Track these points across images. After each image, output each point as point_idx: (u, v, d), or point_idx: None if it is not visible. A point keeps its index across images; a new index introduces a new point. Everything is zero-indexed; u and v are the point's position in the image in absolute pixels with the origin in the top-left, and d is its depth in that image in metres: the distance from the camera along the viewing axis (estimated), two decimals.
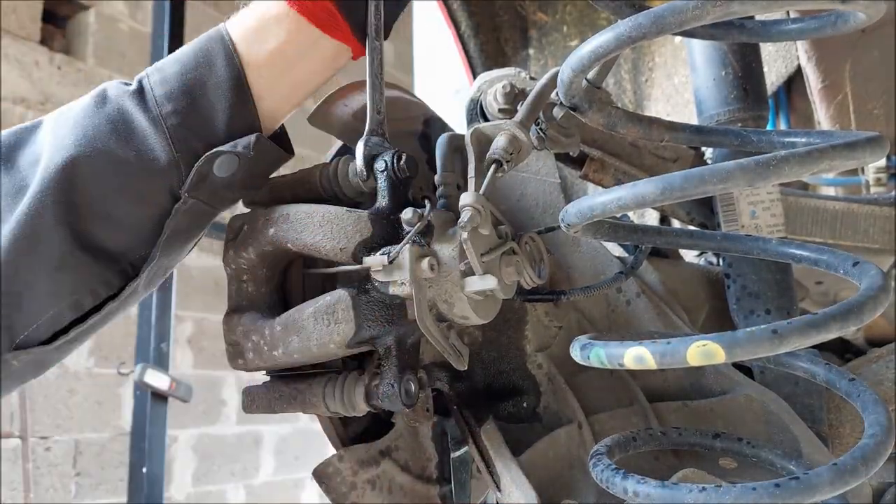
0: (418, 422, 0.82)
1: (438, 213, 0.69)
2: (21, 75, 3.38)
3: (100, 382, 3.57)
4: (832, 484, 0.57)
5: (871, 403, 0.65)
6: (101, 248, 0.68)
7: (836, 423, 0.88)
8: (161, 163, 0.68)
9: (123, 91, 0.70)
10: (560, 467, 0.78)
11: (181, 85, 0.69)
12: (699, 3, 0.52)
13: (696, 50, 0.96)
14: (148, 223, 0.69)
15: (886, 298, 0.57)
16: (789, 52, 1.38)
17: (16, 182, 0.67)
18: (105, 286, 0.69)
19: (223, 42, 0.71)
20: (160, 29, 3.08)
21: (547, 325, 0.86)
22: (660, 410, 0.80)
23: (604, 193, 0.62)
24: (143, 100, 0.69)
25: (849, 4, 0.56)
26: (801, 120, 1.50)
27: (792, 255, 0.71)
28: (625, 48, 0.59)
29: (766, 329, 0.56)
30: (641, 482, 0.61)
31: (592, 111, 0.71)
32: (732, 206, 0.92)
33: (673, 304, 0.92)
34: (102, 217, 0.67)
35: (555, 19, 1.87)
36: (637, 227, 0.80)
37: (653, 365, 0.61)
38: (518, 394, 0.84)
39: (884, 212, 1.11)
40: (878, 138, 0.58)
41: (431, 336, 0.68)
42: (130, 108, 0.69)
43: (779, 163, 0.54)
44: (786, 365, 0.76)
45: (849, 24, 0.65)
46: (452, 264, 0.66)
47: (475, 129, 0.74)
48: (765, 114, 0.94)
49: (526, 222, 0.91)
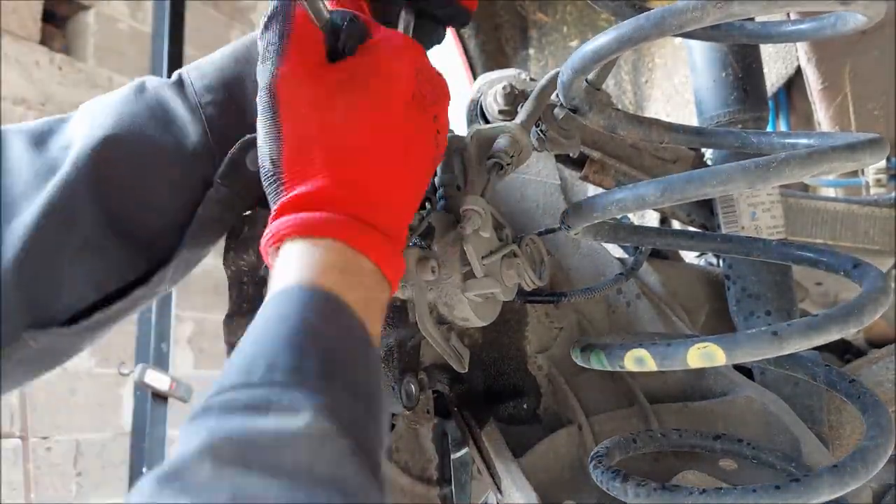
0: (419, 423, 0.82)
1: (439, 215, 0.69)
2: (21, 75, 3.38)
3: (100, 382, 3.57)
4: (832, 486, 0.57)
5: (872, 405, 0.65)
6: (130, 232, 0.67)
7: (837, 425, 0.88)
8: (197, 150, 0.68)
9: (162, 82, 0.71)
10: (560, 468, 0.78)
11: (220, 79, 0.70)
12: (700, 5, 0.52)
13: (697, 51, 0.96)
14: (179, 210, 0.69)
15: (887, 300, 0.57)
16: (789, 54, 1.38)
17: (47, 162, 0.66)
18: (132, 270, 0.68)
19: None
20: (160, 29, 3.08)
21: (547, 327, 0.86)
22: (660, 412, 0.80)
23: (604, 195, 0.62)
24: (181, 89, 0.70)
25: (849, 6, 0.56)
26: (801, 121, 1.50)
27: (792, 257, 0.71)
28: (625, 50, 0.59)
29: (767, 331, 0.56)
30: (641, 484, 0.61)
31: (593, 113, 0.71)
32: (732, 208, 0.92)
33: (673, 305, 0.92)
34: (135, 200, 0.67)
35: (555, 20, 1.87)
36: (637, 229, 0.80)
37: (653, 367, 0.61)
38: (518, 395, 0.84)
39: (884, 213, 1.11)
40: (878, 140, 0.58)
41: (432, 338, 0.69)
42: (169, 97, 0.69)
43: (779, 165, 0.54)
44: (786, 366, 0.76)
45: (849, 25, 0.65)
46: (453, 267, 0.66)
47: (475, 130, 0.74)
48: (765, 115, 0.94)
49: (526, 224, 0.92)
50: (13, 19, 3.38)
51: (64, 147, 0.67)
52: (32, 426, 3.26)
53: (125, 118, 0.67)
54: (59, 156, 0.66)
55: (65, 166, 0.65)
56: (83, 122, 0.68)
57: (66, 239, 0.64)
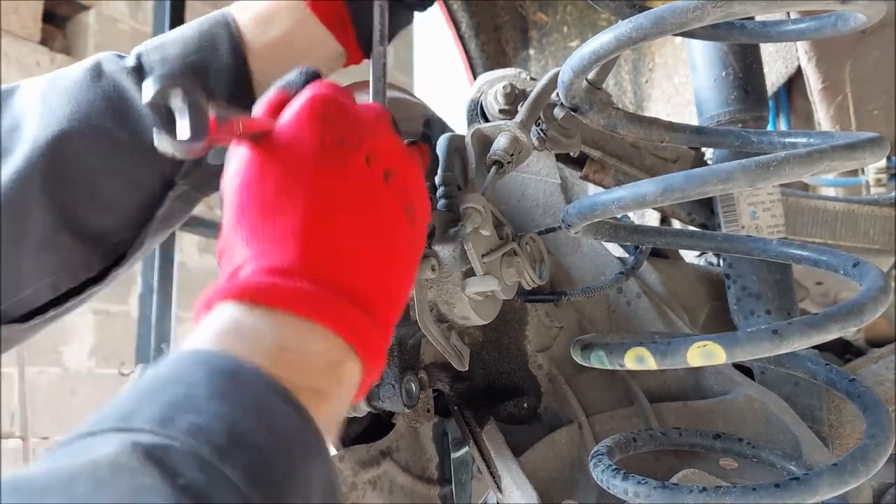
0: (419, 422, 0.82)
1: (439, 213, 0.69)
2: (21, 75, 3.36)
3: (101, 383, 3.58)
4: (832, 484, 0.57)
5: (872, 404, 0.65)
6: (85, 228, 0.66)
7: (837, 424, 0.88)
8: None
9: (120, 66, 0.67)
10: (560, 467, 0.78)
11: (182, 68, 0.67)
12: (700, 4, 0.52)
13: (697, 51, 0.96)
14: (135, 206, 0.67)
15: (886, 299, 0.57)
16: (789, 53, 1.38)
17: None
18: (85, 268, 0.67)
19: (228, 27, 0.69)
20: (160, 29, 3.07)
21: (548, 326, 0.86)
22: (660, 411, 0.80)
23: (604, 194, 0.62)
24: (141, 79, 0.66)
25: (849, 5, 0.56)
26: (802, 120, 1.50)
27: (792, 256, 0.71)
28: (625, 49, 0.59)
29: (767, 329, 0.56)
30: (642, 483, 0.61)
31: (593, 112, 0.71)
32: (733, 207, 0.92)
33: (673, 304, 0.92)
34: (90, 197, 0.65)
35: (555, 20, 1.87)
36: (638, 228, 0.80)
37: (653, 365, 0.61)
38: (519, 394, 0.84)
39: (884, 212, 1.11)
40: (878, 139, 0.58)
41: (432, 337, 0.69)
42: (127, 86, 0.66)
43: (779, 164, 0.54)
44: (786, 365, 0.76)
45: (849, 24, 0.65)
46: (453, 265, 0.66)
47: (476, 129, 0.74)
48: (765, 114, 0.94)
49: (526, 223, 0.92)
50: (13, 19, 3.38)
51: (12, 128, 0.64)
52: (32, 426, 3.26)
53: (82, 108, 0.64)
54: (6, 138, 0.64)
55: (17, 159, 0.62)
56: (35, 111, 0.65)
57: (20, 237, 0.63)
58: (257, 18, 0.70)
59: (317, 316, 0.45)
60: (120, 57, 0.68)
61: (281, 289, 0.44)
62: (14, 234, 0.62)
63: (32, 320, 0.67)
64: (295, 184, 0.48)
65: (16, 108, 0.66)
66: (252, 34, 0.70)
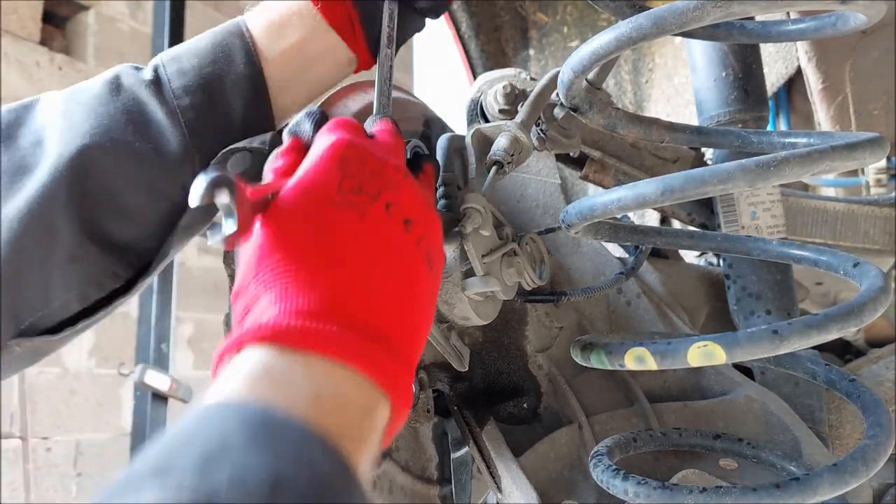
0: (419, 422, 0.82)
1: (439, 214, 0.69)
2: (21, 76, 3.38)
3: (100, 383, 3.58)
4: (832, 485, 0.57)
5: (872, 404, 0.65)
6: (111, 240, 0.67)
7: (837, 424, 0.88)
8: (177, 157, 0.67)
9: (139, 79, 0.68)
10: (560, 468, 0.78)
11: (199, 79, 0.68)
12: (699, 4, 0.52)
13: (697, 51, 0.96)
14: (158, 217, 0.68)
15: (886, 299, 0.57)
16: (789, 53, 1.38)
17: (15, 160, 0.65)
18: (112, 278, 0.69)
19: (242, 37, 0.70)
20: (160, 29, 3.08)
21: (548, 326, 0.86)
22: (660, 411, 0.80)
23: (604, 194, 0.62)
24: (159, 91, 0.68)
25: (848, 5, 0.56)
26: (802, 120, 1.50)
27: (792, 256, 0.71)
28: (625, 49, 0.59)
29: (767, 330, 0.56)
30: (642, 483, 0.61)
31: (593, 112, 0.71)
32: (733, 207, 0.92)
33: (673, 304, 0.92)
34: (114, 209, 0.66)
35: (555, 20, 1.87)
36: (637, 228, 0.80)
37: (653, 366, 0.61)
38: (519, 394, 0.84)
39: (884, 213, 1.11)
40: (878, 139, 0.58)
41: (432, 337, 0.69)
42: (147, 99, 0.67)
43: (779, 164, 0.54)
44: (786, 365, 0.76)
45: (849, 24, 0.65)
46: (453, 265, 0.66)
47: (476, 129, 0.74)
48: (765, 115, 0.94)
49: (526, 223, 0.92)
50: (13, 19, 3.38)
51: (35, 143, 0.66)
52: (32, 426, 3.26)
53: (103, 122, 0.66)
54: (30, 153, 0.65)
55: (42, 173, 0.64)
56: (56, 125, 0.66)
57: (47, 251, 0.64)
58: (271, 26, 0.71)
59: (350, 359, 0.44)
60: (137, 69, 0.70)
61: (313, 332, 0.44)
62: (42, 249, 0.64)
63: (63, 332, 0.68)
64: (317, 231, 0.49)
65: (37, 123, 0.67)
66: (266, 42, 0.70)
